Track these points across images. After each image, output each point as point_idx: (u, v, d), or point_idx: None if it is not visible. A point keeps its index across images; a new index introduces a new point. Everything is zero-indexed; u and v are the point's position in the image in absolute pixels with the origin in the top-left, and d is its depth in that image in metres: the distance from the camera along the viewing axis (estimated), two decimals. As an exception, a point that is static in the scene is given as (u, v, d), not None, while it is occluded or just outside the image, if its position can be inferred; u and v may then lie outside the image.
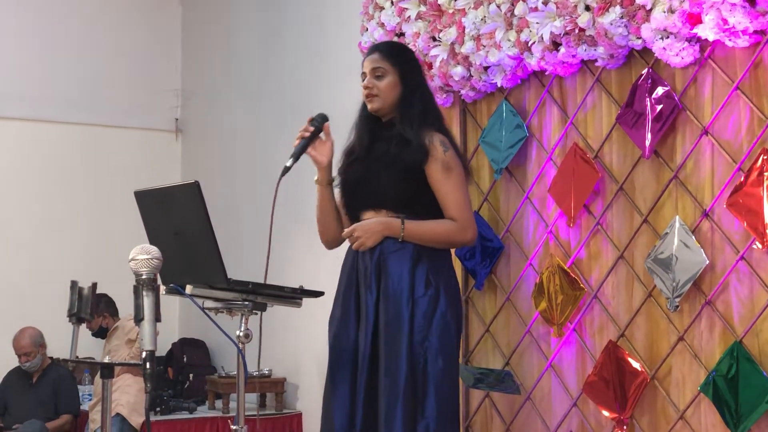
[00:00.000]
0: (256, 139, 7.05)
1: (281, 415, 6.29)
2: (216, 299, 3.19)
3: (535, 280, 4.43)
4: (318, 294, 3.36)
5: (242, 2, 7.37)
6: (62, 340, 6.66)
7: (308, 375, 6.25)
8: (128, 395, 6.07)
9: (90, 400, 6.59)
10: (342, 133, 3.80)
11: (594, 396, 4.12)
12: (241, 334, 3.15)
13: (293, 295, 3.26)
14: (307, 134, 3.57)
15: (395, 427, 3.37)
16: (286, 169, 3.48)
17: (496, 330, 4.70)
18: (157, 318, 2.48)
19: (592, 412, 4.21)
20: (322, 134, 3.61)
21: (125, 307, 6.34)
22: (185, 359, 7.34)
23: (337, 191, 3.76)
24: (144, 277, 2.52)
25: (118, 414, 5.99)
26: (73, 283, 2.66)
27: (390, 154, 3.54)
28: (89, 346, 7.25)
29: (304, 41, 6.43)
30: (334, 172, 3.74)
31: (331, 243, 3.75)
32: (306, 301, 5.68)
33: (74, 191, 7.71)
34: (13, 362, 6.70)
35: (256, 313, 3.16)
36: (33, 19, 7.68)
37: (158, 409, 6.25)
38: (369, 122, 3.63)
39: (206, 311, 3.16)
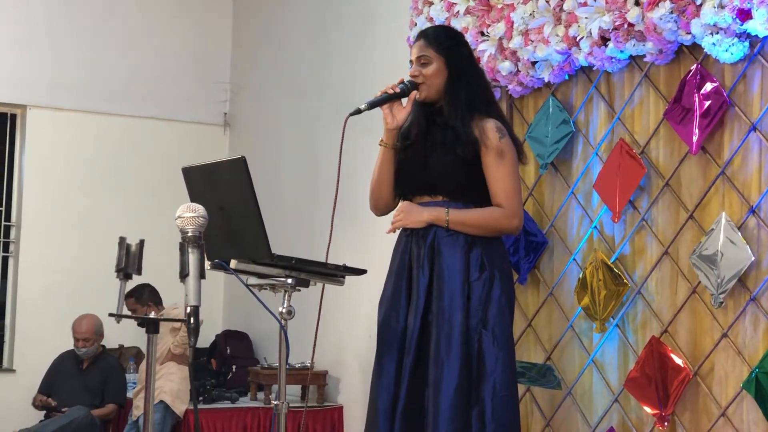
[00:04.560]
0: (303, 133, 7.09)
1: (323, 407, 6.32)
2: (259, 275, 3.20)
3: (578, 275, 4.42)
4: (361, 272, 3.35)
5: (292, -2, 7.44)
6: (110, 328, 6.79)
7: (350, 368, 6.28)
8: (172, 383, 6.13)
9: (134, 387, 6.67)
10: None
11: (636, 392, 4.11)
12: (284, 310, 3.15)
13: (336, 272, 3.25)
14: (391, 92, 3.56)
15: (447, 410, 3.33)
16: (357, 111, 3.47)
17: (538, 324, 4.70)
18: (201, 275, 2.51)
19: (633, 408, 4.20)
20: (404, 99, 3.60)
21: (172, 297, 6.43)
22: (228, 351, 7.39)
23: None
24: (190, 234, 2.55)
25: (161, 401, 6.05)
26: (122, 240, 2.68)
27: (445, 142, 3.52)
28: (134, 336, 7.36)
29: (354, 36, 6.47)
30: None
31: (381, 209, 3.68)
32: (349, 297, 5.76)
33: (123, 182, 7.79)
34: (65, 346, 6.79)
35: (299, 290, 3.16)
36: (85, 12, 7.78)
37: (201, 398, 6.30)
38: (424, 107, 3.61)
39: (250, 287, 3.17)
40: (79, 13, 7.77)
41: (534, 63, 4.59)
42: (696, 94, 3.91)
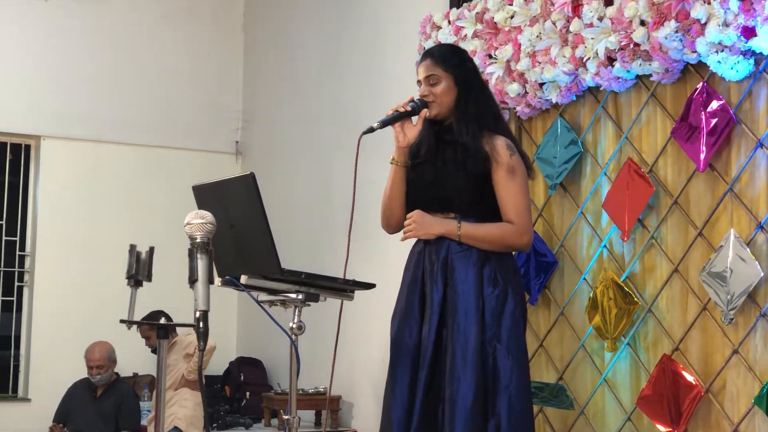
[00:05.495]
0: (315, 160, 7.14)
1: (336, 432, 6.34)
2: (270, 291, 3.23)
3: (588, 295, 4.44)
4: (370, 286, 3.38)
5: (301, 27, 7.50)
6: (124, 356, 6.82)
7: (363, 394, 6.28)
8: (186, 409, 6.16)
9: (149, 414, 6.69)
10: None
11: (648, 410, 4.11)
12: (294, 325, 3.17)
13: (345, 287, 3.28)
14: (402, 110, 3.60)
15: (462, 423, 3.34)
16: (371, 129, 3.51)
17: (549, 344, 4.70)
18: (210, 280, 2.55)
19: (646, 426, 4.19)
20: (414, 117, 3.63)
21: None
22: (242, 378, 7.41)
23: None
24: (198, 240, 2.60)
25: (175, 427, 6.08)
26: (132, 247, 2.72)
27: (456, 159, 3.55)
28: (148, 364, 7.38)
29: (363, 61, 6.52)
30: None
31: (393, 227, 3.71)
32: (362, 322, 5.77)
33: (137, 212, 7.82)
34: (80, 375, 6.81)
35: (309, 305, 3.19)
36: (97, 43, 7.87)
37: (215, 424, 6.33)
38: (433, 124, 3.64)
39: (261, 303, 3.20)
40: (91, 44, 7.86)
41: (541, 84, 4.63)
42: (703, 112, 3.94)
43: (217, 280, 3.05)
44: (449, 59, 3.62)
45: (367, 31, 6.50)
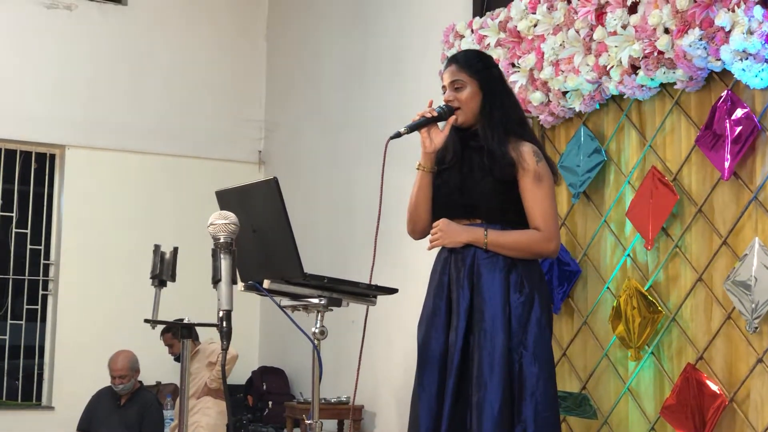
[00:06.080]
0: (338, 169, 7.15)
1: (358, 442, 6.33)
2: (292, 296, 3.23)
3: (612, 304, 4.42)
4: (392, 291, 3.38)
5: (324, 37, 7.52)
6: (147, 365, 6.84)
7: (386, 404, 6.28)
8: (208, 417, 6.18)
9: (171, 423, 6.70)
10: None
11: (672, 420, 4.09)
12: (317, 330, 3.17)
13: (367, 291, 3.28)
14: (429, 116, 3.59)
15: (490, 430, 3.34)
16: (398, 135, 3.50)
17: (572, 354, 4.69)
18: (233, 280, 2.56)
19: (669, 436, 4.17)
20: (441, 123, 3.62)
21: (206, 334, 6.48)
22: (265, 387, 7.43)
23: None
24: (222, 240, 2.61)
25: (198, 436, 6.10)
26: (156, 247, 2.74)
27: (483, 165, 3.55)
28: (171, 373, 7.40)
29: (386, 72, 6.53)
30: None
31: (419, 233, 3.71)
32: (384, 331, 5.77)
33: (160, 220, 7.86)
34: (103, 383, 6.82)
35: (331, 310, 3.18)
36: (121, 52, 7.93)
37: (238, 433, 6.34)
38: (458, 131, 3.64)
39: (283, 308, 3.19)
40: (115, 54, 7.91)
41: (565, 93, 4.62)
42: (727, 120, 3.92)
43: (240, 284, 3.06)
44: (474, 65, 3.61)
45: (390, 40, 6.52)
